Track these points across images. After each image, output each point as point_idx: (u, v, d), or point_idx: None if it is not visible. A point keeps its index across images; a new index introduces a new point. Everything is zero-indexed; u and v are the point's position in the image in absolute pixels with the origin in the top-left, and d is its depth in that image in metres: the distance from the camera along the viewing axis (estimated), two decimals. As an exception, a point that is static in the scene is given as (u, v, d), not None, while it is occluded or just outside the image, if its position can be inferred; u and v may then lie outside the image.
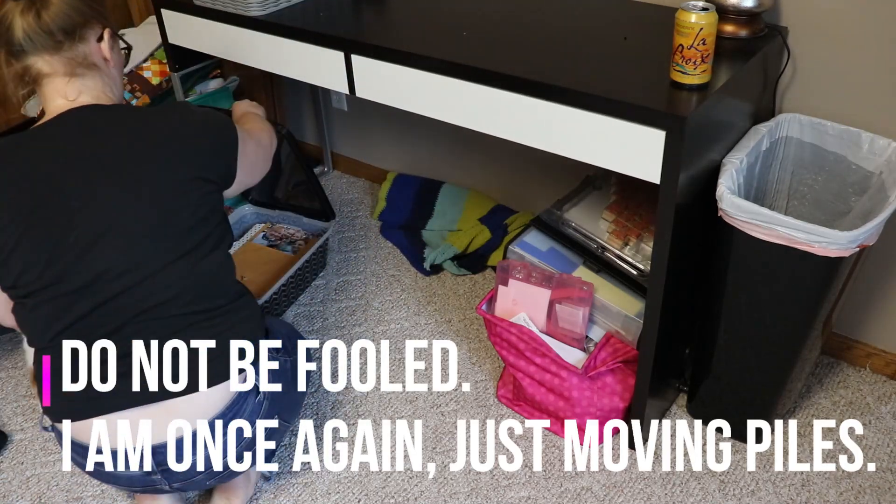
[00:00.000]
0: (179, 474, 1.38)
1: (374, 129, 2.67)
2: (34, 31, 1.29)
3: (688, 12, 1.29)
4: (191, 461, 1.37)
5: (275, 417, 1.47)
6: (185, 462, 1.37)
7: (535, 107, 1.45)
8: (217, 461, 1.40)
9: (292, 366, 1.55)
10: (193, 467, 1.38)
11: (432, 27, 1.69)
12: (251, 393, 1.41)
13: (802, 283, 1.43)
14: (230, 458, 1.41)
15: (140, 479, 1.39)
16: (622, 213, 1.81)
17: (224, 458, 1.41)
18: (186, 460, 1.37)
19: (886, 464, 1.68)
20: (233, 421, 1.39)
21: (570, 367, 1.67)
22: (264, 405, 1.43)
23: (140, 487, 1.42)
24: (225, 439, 1.39)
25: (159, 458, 1.35)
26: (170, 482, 1.40)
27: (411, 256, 2.38)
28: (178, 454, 1.36)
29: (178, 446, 1.35)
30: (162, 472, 1.37)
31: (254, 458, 1.48)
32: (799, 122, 1.62)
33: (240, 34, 1.88)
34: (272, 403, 1.45)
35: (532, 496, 1.66)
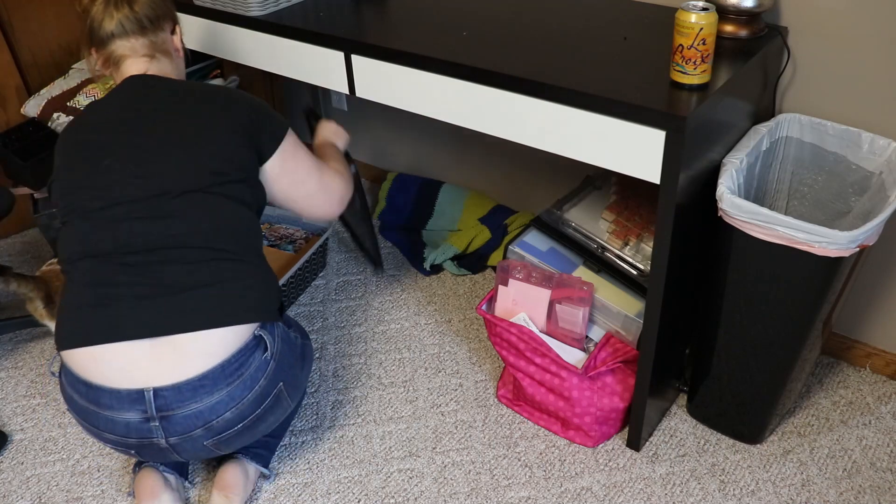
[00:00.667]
0: (178, 424, 1.38)
1: (374, 129, 2.67)
2: (127, 17, 1.52)
3: (688, 12, 1.29)
4: (192, 409, 1.38)
5: (279, 384, 1.48)
6: (186, 409, 1.37)
7: (535, 107, 1.45)
8: (217, 413, 1.39)
9: (302, 345, 1.58)
10: (194, 418, 1.38)
11: (432, 27, 1.69)
12: (259, 348, 1.43)
13: (802, 283, 1.43)
14: (230, 414, 1.41)
15: (137, 426, 1.38)
16: (622, 213, 1.81)
17: (224, 413, 1.40)
18: (188, 407, 1.37)
19: (886, 464, 1.68)
20: (238, 371, 1.40)
21: (570, 367, 1.67)
22: (271, 365, 1.45)
23: (135, 439, 1.40)
24: (229, 390, 1.39)
25: (160, 401, 1.36)
26: (167, 434, 1.40)
27: (411, 256, 2.38)
28: (180, 398, 1.36)
29: (181, 390, 1.36)
30: (161, 419, 1.37)
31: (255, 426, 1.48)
32: (799, 122, 1.62)
33: (240, 34, 1.88)
34: (278, 367, 1.46)
35: (532, 496, 1.66)
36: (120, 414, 1.38)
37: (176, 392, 1.36)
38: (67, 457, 1.82)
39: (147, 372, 1.36)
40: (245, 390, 1.42)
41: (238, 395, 1.41)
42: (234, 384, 1.40)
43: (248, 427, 1.47)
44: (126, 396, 1.37)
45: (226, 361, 1.39)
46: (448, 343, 2.07)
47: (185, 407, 1.38)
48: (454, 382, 1.95)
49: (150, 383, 1.36)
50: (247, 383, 1.42)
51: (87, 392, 1.39)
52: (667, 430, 1.79)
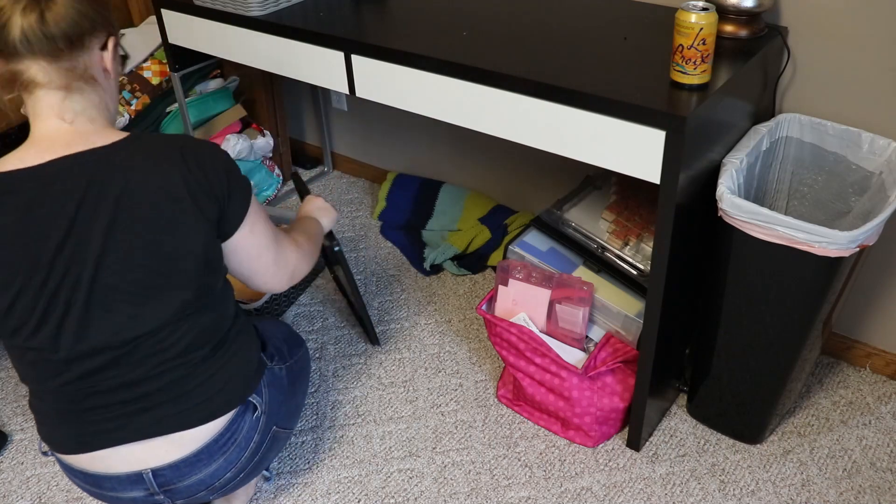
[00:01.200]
0: (182, 493, 1.39)
1: (374, 129, 2.67)
2: (34, 33, 1.13)
3: (688, 12, 1.29)
4: (192, 480, 1.38)
5: (272, 429, 1.48)
6: (186, 481, 1.38)
7: (535, 107, 1.45)
8: (218, 477, 1.41)
9: (288, 372, 1.54)
10: (196, 486, 1.39)
11: (432, 27, 1.69)
12: (248, 411, 1.42)
13: (802, 283, 1.43)
14: (230, 474, 1.42)
15: (143, 500, 1.39)
16: (622, 213, 1.81)
17: (224, 475, 1.41)
18: (188, 479, 1.38)
19: (886, 464, 1.68)
20: (231, 440, 1.40)
21: (570, 367, 1.67)
22: (262, 420, 1.44)
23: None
24: (225, 457, 1.40)
25: (161, 479, 1.36)
26: (173, 500, 1.41)
27: (411, 256, 2.38)
28: (179, 474, 1.37)
29: (178, 467, 1.36)
30: (164, 493, 1.38)
31: (256, 469, 1.48)
32: (799, 122, 1.62)
33: (240, 34, 1.88)
34: (269, 417, 1.46)
35: (532, 496, 1.66)
36: (124, 493, 1.37)
37: (174, 469, 1.36)
38: (67, 457, 1.82)
39: (143, 457, 1.34)
40: (241, 452, 1.42)
41: (234, 458, 1.41)
42: (229, 451, 1.40)
43: (251, 472, 1.48)
44: (126, 479, 1.36)
45: (218, 435, 1.37)
46: (448, 343, 2.07)
47: (186, 479, 1.38)
48: (454, 382, 1.95)
49: (147, 465, 1.34)
50: (241, 445, 1.41)
51: (86, 478, 1.37)
52: (667, 430, 1.79)
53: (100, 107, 1.24)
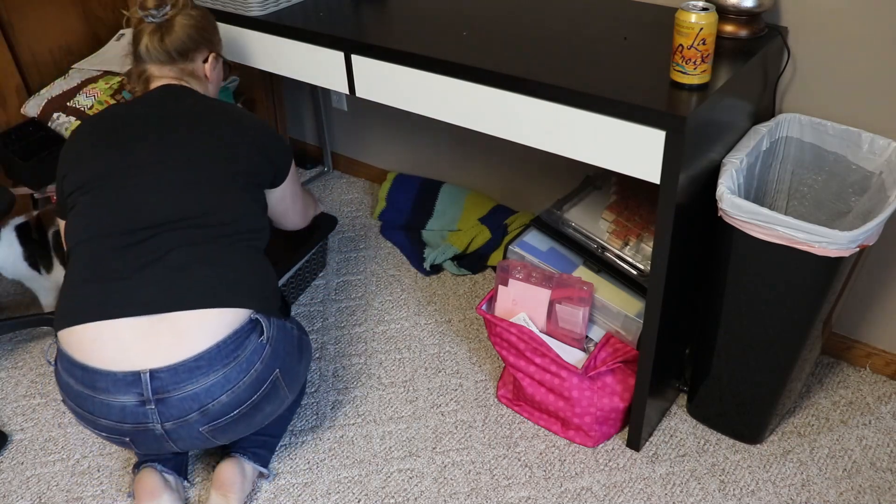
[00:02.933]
0: (174, 407, 1.39)
1: (374, 129, 2.67)
2: (155, 48, 1.66)
3: (688, 12, 1.29)
4: (188, 391, 1.39)
5: (275, 371, 1.49)
6: (182, 390, 1.38)
7: (535, 107, 1.45)
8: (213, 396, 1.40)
9: (298, 339, 1.60)
10: (190, 400, 1.39)
11: (432, 27, 1.69)
12: (255, 332, 1.45)
13: (802, 283, 1.43)
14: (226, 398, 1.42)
15: (132, 410, 1.39)
16: (622, 213, 1.81)
17: (219, 396, 1.41)
18: (184, 389, 1.38)
19: (886, 464, 1.68)
20: (234, 354, 1.42)
21: (570, 367, 1.67)
22: (266, 350, 1.46)
23: (130, 424, 1.41)
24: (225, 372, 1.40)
25: (157, 383, 1.37)
26: (162, 419, 1.40)
27: (411, 256, 2.38)
28: (176, 379, 1.38)
29: (177, 371, 1.37)
30: (157, 402, 1.38)
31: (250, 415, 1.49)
32: (799, 122, 1.62)
33: (240, 34, 1.88)
34: (274, 353, 1.48)
35: (532, 496, 1.66)
36: (116, 398, 1.39)
37: (172, 373, 1.38)
38: (67, 457, 1.82)
39: (143, 353, 1.38)
40: (241, 373, 1.43)
41: (234, 378, 1.42)
42: (229, 366, 1.41)
43: (245, 415, 1.48)
44: (122, 379, 1.38)
45: (222, 342, 1.40)
46: (448, 343, 2.07)
47: (181, 389, 1.39)
48: (454, 382, 1.95)
49: (146, 365, 1.38)
50: (242, 366, 1.43)
51: (83, 376, 1.40)
52: (667, 430, 1.79)
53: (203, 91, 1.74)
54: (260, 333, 1.47)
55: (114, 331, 1.39)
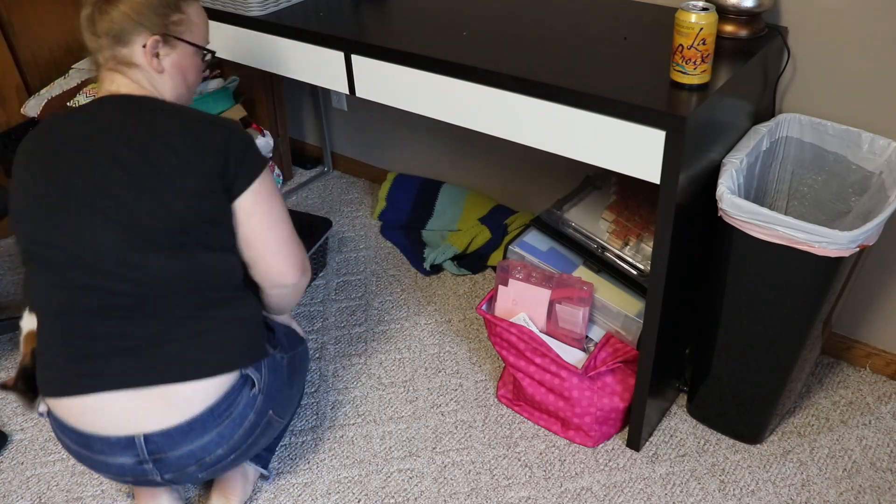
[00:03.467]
0: (172, 465, 1.38)
1: (374, 129, 2.67)
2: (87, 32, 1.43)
3: (688, 12, 1.29)
4: (183, 451, 1.37)
5: (268, 413, 1.47)
6: (177, 451, 1.37)
7: (535, 107, 1.45)
8: (208, 451, 1.40)
9: (288, 362, 1.55)
10: (186, 458, 1.38)
11: (432, 27, 1.69)
12: (246, 386, 1.42)
13: (802, 283, 1.43)
14: (222, 451, 1.41)
15: (131, 468, 1.39)
16: (622, 213, 1.81)
17: (216, 450, 1.40)
18: (179, 450, 1.37)
19: (886, 464, 1.68)
20: (227, 412, 1.39)
21: (570, 367, 1.67)
22: (259, 399, 1.44)
23: (131, 477, 1.41)
24: (219, 430, 1.39)
25: (152, 446, 1.36)
26: (161, 473, 1.40)
27: (411, 256, 2.38)
28: (171, 442, 1.36)
29: (171, 434, 1.36)
30: (154, 462, 1.37)
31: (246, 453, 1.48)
32: (799, 122, 1.62)
33: (240, 34, 1.88)
34: (266, 399, 1.46)
35: (532, 496, 1.66)
36: (113, 458, 1.38)
37: (166, 437, 1.36)
38: (67, 457, 1.82)
39: (136, 420, 1.35)
40: (235, 428, 1.41)
41: (228, 434, 1.41)
42: (223, 424, 1.40)
43: (241, 455, 1.47)
44: (117, 443, 1.36)
45: (214, 405, 1.38)
46: (448, 343, 2.07)
47: (177, 449, 1.37)
48: (454, 382, 1.95)
49: (139, 430, 1.35)
50: (236, 421, 1.41)
51: (77, 439, 1.38)
52: (667, 430, 1.79)
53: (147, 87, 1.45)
54: (251, 386, 1.43)
55: (103, 402, 1.35)
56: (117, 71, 1.43)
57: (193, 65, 1.50)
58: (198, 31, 1.49)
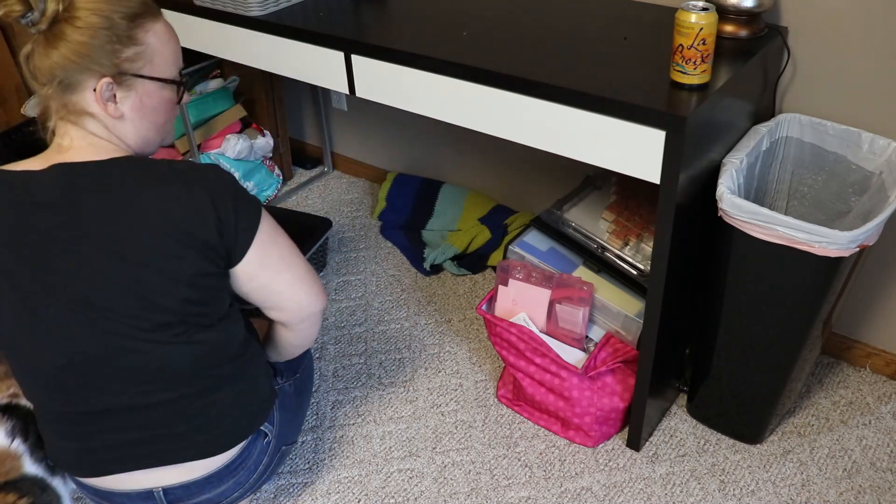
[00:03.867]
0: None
1: (374, 129, 2.67)
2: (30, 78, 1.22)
3: (688, 12, 1.29)
4: (202, 499, 1.40)
5: (281, 449, 1.50)
6: (195, 499, 1.39)
7: (535, 107, 1.45)
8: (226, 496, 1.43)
9: (296, 387, 1.55)
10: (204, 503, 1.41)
11: (432, 27, 1.69)
12: (259, 438, 1.43)
13: (802, 283, 1.43)
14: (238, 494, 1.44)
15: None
16: (622, 213, 1.81)
17: (232, 494, 1.43)
18: (197, 498, 1.40)
19: (886, 464, 1.68)
20: (243, 464, 1.41)
21: (570, 367, 1.67)
22: (271, 444, 1.46)
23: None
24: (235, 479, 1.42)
25: (171, 497, 1.38)
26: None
27: (411, 256, 2.38)
28: (189, 493, 1.38)
29: (189, 487, 1.37)
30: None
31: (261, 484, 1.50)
32: (799, 122, 1.62)
33: (240, 34, 1.88)
34: (279, 440, 1.48)
35: (532, 496, 1.66)
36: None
37: (184, 489, 1.37)
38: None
39: (154, 479, 1.35)
40: (250, 474, 1.43)
41: (244, 480, 1.43)
42: (239, 473, 1.41)
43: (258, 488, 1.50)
44: (136, 496, 1.37)
45: (229, 462, 1.38)
46: (448, 343, 2.07)
47: (195, 498, 1.39)
48: (454, 382, 1.95)
49: (158, 484, 1.36)
50: (251, 469, 1.43)
51: (96, 493, 1.39)
52: (667, 430, 1.79)
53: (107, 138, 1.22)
54: (264, 437, 1.43)
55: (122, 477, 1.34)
56: (69, 121, 1.20)
57: (162, 101, 1.25)
58: (161, 61, 1.22)
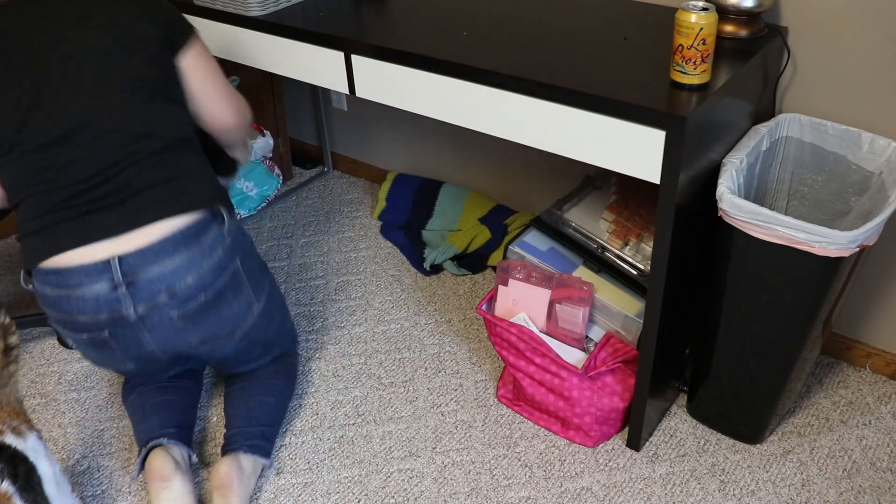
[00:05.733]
0: (143, 290, 1.46)
1: (374, 129, 2.67)
2: None
3: (688, 12, 1.29)
4: (154, 273, 1.46)
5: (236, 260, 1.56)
6: (148, 272, 1.46)
7: (535, 107, 1.45)
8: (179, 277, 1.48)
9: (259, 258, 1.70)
10: (157, 283, 1.47)
11: (432, 27, 1.69)
12: (216, 222, 1.53)
13: (802, 283, 1.43)
14: (191, 280, 1.49)
15: (106, 297, 1.46)
16: (622, 213, 1.81)
17: (185, 278, 1.49)
18: (150, 271, 1.46)
19: (886, 464, 1.68)
20: (196, 239, 1.49)
21: (570, 367, 1.67)
22: (227, 240, 1.54)
23: (106, 314, 1.48)
24: (188, 255, 1.48)
25: (125, 267, 1.45)
26: (134, 303, 1.47)
27: (411, 256, 2.38)
28: (142, 262, 1.45)
29: (143, 253, 1.46)
30: (127, 286, 1.45)
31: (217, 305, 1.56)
32: (799, 122, 1.63)
33: (240, 34, 1.88)
34: (234, 244, 1.56)
35: (532, 496, 1.66)
36: (89, 288, 1.46)
37: (138, 256, 1.45)
38: (67, 457, 1.82)
39: (112, 248, 1.46)
40: (203, 256, 1.51)
41: (197, 260, 1.50)
42: (192, 248, 1.49)
43: (212, 304, 1.54)
44: (93, 268, 1.45)
45: (185, 229, 1.49)
46: (448, 343, 2.07)
47: (148, 270, 1.46)
48: (454, 382, 1.95)
49: (115, 253, 1.45)
50: (205, 250, 1.51)
51: (58, 279, 1.47)
52: (667, 430, 1.79)
53: None
54: (221, 223, 1.55)
55: (83, 250, 1.46)
56: None
57: None
58: None
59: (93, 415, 1.92)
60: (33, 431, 1.38)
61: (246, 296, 1.61)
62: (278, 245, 2.49)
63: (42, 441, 1.40)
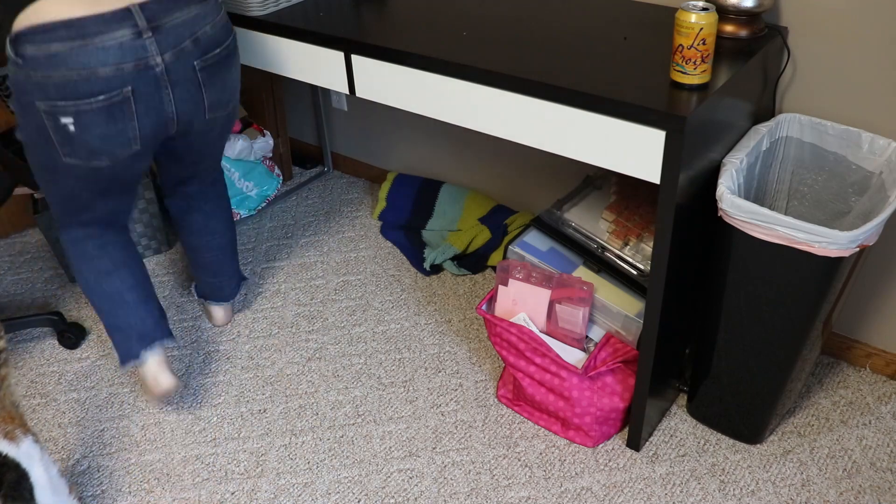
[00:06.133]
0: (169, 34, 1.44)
1: (374, 129, 2.67)
2: None
3: (688, 12, 1.29)
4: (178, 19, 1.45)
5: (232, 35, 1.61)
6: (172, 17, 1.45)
7: (535, 107, 1.45)
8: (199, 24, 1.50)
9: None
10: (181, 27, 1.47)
11: (432, 27, 1.69)
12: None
13: (802, 283, 1.43)
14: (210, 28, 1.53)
15: (130, 44, 1.40)
16: (622, 213, 1.81)
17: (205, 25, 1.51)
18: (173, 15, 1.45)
19: (886, 464, 1.68)
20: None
21: (570, 367, 1.67)
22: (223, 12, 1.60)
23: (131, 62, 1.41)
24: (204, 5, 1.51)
25: (148, 13, 1.41)
26: (161, 49, 1.44)
27: (411, 256, 2.38)
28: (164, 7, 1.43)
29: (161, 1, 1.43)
30: (153, 31, 1.42)
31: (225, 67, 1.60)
32: (799, 122, 1.63)
33: (240, 34, 1.88)
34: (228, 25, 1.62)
35: (532, 496, 1.66)
36: (110, 35, 1.38)
37: (159, 3, 1.43)
38: (67, 457, 1.82)
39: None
40: (216, 11, 1.56)
41: (212, 12, 1.54)
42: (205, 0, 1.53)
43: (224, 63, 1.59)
44: (112, 17, 1.38)
45: None
46: (448, 343, 2.07)
47: (172, 16, 1.45)
48: (454, 382, 1.95)
49: (133, 1, 1.41)
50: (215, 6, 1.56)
51: (69, 31, 1.36)
52: (667, 430, 1.79)
53: None
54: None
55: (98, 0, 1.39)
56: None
57: None
58: None
59: (93, 415, 1.92)
60: (28, 435, 1.35)
61: (238, 70, 1.68)
62: (278, 245, 2.49)
63: (38, 445, 1.36)
